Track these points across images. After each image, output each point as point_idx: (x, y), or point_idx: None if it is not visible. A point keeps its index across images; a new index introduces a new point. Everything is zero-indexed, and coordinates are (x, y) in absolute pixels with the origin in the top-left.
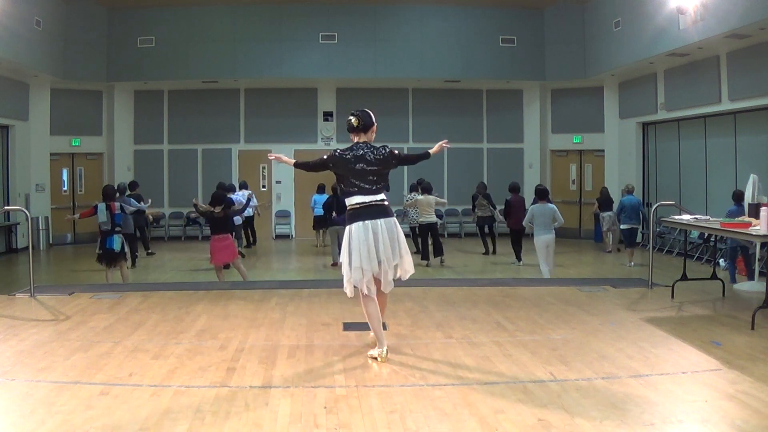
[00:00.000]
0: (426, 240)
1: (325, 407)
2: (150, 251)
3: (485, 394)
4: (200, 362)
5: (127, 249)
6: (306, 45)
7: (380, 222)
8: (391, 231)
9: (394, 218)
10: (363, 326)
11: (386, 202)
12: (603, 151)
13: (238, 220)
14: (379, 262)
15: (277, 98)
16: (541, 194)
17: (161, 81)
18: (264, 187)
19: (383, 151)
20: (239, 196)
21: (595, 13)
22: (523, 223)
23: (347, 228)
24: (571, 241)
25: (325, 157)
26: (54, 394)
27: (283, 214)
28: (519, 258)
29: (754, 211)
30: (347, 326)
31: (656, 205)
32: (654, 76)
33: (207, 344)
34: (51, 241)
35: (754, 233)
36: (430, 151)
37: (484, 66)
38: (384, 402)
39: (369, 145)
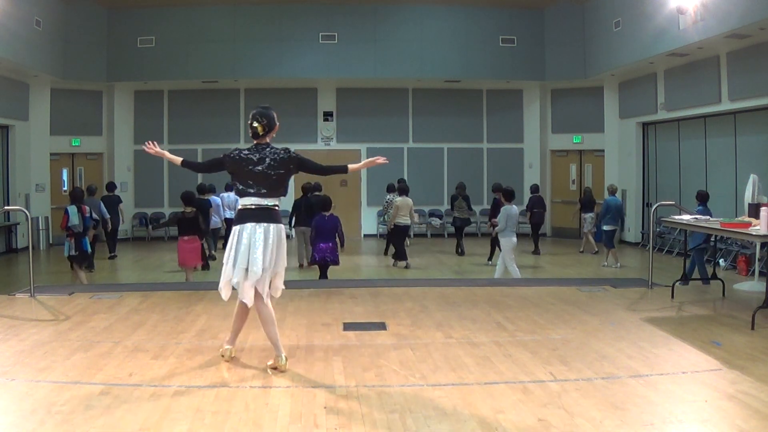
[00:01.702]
0: (402, 242)
1: (325, 407)
2: (112, 254)
3: (485, 394)
4: (200, 362)
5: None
6: (306, 45)
7: (270, 227)
8: (279, 238)
9: (283, 225)
10: (363, 326)
11: (277, 207)
12: (603, 151)
13: (216, 222)
14: (264, 269)
15: (277, 98)
16: (511, 196)
17: (161, 81)
18: None
19: (283, 155)
20: (231, 196)
21: (595, 13)
22: (498, 229)
23: (234, 228)
24: (571, 241)
25: (221, 156)
26: (54, 394)
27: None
28: (491, 258)
29: (754, 211)
30: (347, 326)
31: (656, 205)
32: (654, 76)
33: (207, 344)
34: (51, 241)
35: (754, 233)
36: (351, 166)
37: (484, 66)
38: (384, 402)
39: (270, 148)
